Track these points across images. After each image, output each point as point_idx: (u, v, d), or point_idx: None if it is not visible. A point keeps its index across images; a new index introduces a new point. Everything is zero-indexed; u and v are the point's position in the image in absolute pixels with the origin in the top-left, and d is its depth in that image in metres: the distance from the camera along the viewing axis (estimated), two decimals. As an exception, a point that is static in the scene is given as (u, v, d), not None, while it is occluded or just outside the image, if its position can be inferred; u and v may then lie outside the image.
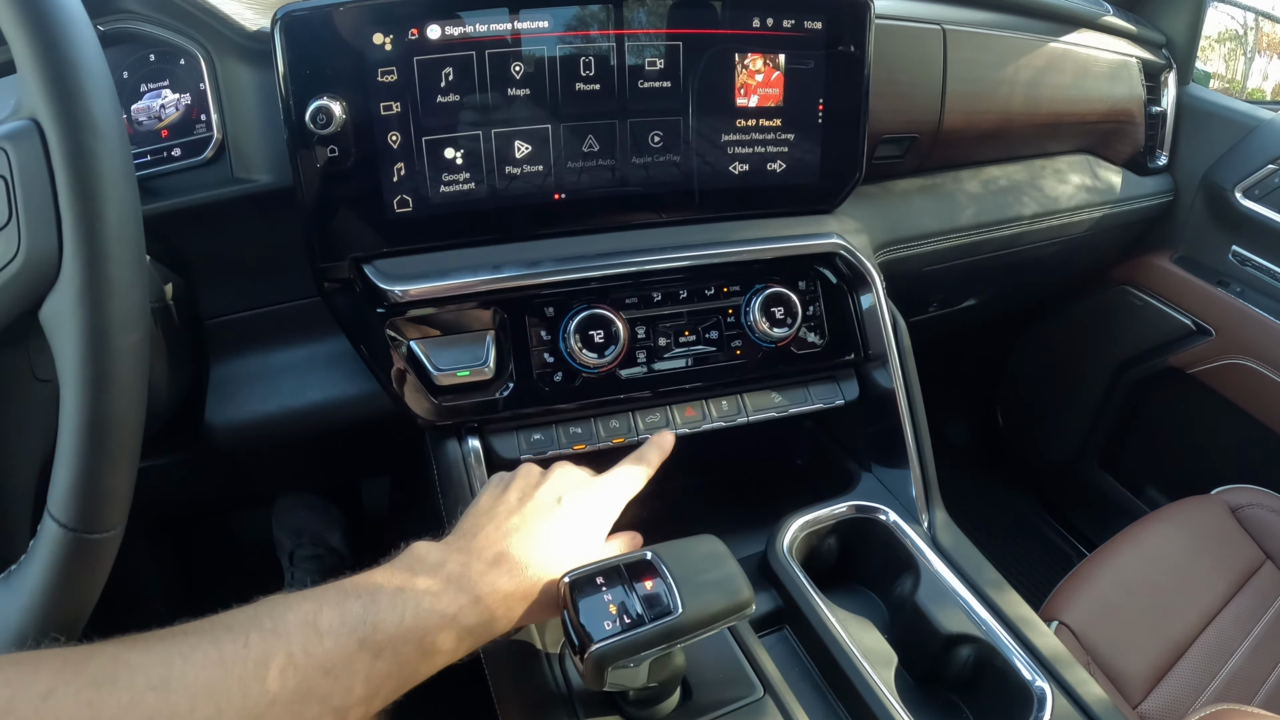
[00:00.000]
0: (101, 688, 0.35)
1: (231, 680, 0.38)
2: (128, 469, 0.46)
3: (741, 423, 0.76)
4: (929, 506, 0.76)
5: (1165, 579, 1.01)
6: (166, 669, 0.37)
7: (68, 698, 0.34)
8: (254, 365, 0.74)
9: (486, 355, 0.68)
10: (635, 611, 0.50)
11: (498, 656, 0.60)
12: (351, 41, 0.62)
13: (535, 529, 0.53)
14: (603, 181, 0.71)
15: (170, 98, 0.70)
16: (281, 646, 0.40)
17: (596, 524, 0.56)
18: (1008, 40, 1.04)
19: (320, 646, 0.41)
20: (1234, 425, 1.35)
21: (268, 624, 0.41)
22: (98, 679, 0.35)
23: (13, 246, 0.42)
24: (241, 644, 0.39)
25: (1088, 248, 1.27)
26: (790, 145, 0.76)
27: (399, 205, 0.66)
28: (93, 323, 0.42)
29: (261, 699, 0.38)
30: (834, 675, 0.62)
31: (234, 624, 0.41)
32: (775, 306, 0.76)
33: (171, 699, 0.36)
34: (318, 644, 0.41)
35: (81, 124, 0.41)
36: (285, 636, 0.40)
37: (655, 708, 0.56)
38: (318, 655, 0.40)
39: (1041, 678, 0.61)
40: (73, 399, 0.43)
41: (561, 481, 0.58)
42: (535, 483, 0.57)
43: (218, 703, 0.37)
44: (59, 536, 0.44)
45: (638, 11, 0.68)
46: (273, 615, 0.42)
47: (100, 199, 0.42)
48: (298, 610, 0.42)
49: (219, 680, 0.37)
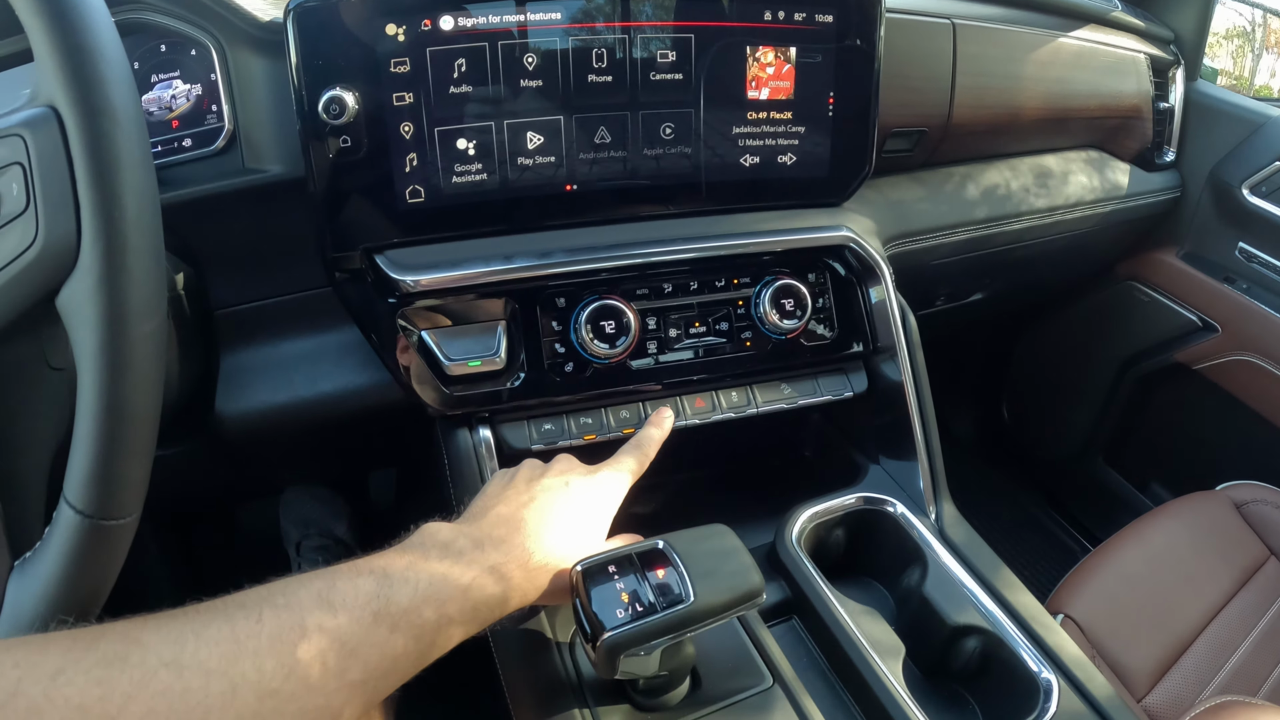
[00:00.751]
0: (112, 666, 0.34)
1: (245, 656, 0.37)
2: (144, 456, 0.46)
3: (751, 414, 0.77)
4: (936, 499, 0.76)
5: (1170, 574, 1.01)
6: (179, 646, 0.36)
7: (77, 676, 0.33)
8: (264, 356, 0.75)
9: (498, 345, 0.68)
10: (647, 600, 0.50)
11: (508, 645, 0.60)
12: (364, 32, 0.62)
13: (545, 507, 0.54)
14: (614, 173, 0.71)
15: (181, 88, 0.70)
16: (296, 621, 0.40)
17: (603, 506, 0.57)
18: (1017, 35, 1.04)
19: (334, 620, 0.41)
20: (1239, 421, 1.35)
21: (280, 600, 0.41)
22: (108, 657, 0.35)
23: (30, 233, 0.43)
24: (255, 620, 0.39)
25: (1094, 243, 1.27)
26: (800, 138, 0.76)
27: (411, 196, 0.66)
28: (111, 309, 0.42)
29: (276, 674, 0.37)
30: (842, 666, 0.63)
31: (247, 602, 0.40)
32: (785, 298, 0.76)
33: (184, 675, 0.35)
34: (332, 618, 0.41)
35: (100, 111, 0.42)
36: (299, 611, 0.40)
37: (665, 696, 0.57)
38: (332, 629, 0.40)
39: (1048, 669, 0.61)
40: (90, 385, 0.43)
41: (565, 466, 0.59)
42: (541, 470, 0.58)
43: (231, 678, 0.36)
44: (76, 523, 0.44)
45: (649, 4, 0.68)
46: (285, 592, 0.42)
47: (119, 186, 0.42)
48: (310, 587, 0.42)
49: (232, 656, 0.37)
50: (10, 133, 0.43)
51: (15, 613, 0.45)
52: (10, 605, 0.46)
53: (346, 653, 0.40)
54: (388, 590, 0.44)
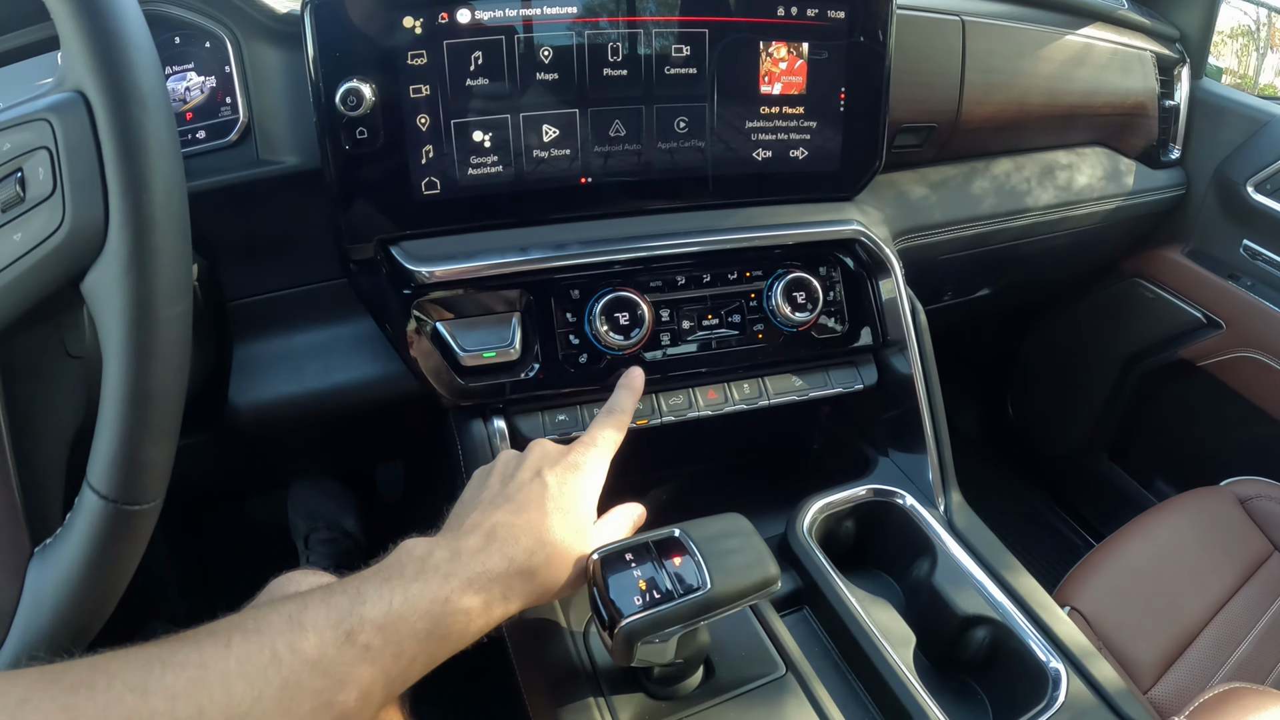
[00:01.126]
0: (78, 693, 0.35)
1: (213, 679, 0.37)
2: (169, 441, 0.46)
3: (762, 405, 0.77)
4: (945, 490, 0.77)
5: (1175, 568, 1.02)
6: (145, 673, 0.36)
7: (44, 703, 0.34)
8: (278, 347, 0.75)
9: (512, 336, 0.69)
10: (664, 587, 0.50)
11: (522, 634, 0.61)
12: (381, 25, 0.62)
13: (519, 506, 0.52)
14: (628, 166, 0.72)
15: (195, 80, 0.70)
16: (265, 644, 0.39)
17: (581, 489, 0.55)
18: (1025, 32, 1.04)
19: (305, 641, 0.40)
20: (1243, 417, 1.36)
21: (251, 625, 0.40)
22: (74, 685, 0.35)
23: (57, 217, 0.43)
24: (223, 645, 0.39)
25: (1100, 239, 1.27)
26: (812, 133, 0.77)
27: (427, 187, 0.67)
28: (139, 294, 0.42)
29: (246, 696, 0.37)
30: (854, 655, 0.63)
31: (217, 629, 0.40)
32: (797, 291, 0.76)
33: (150, 700, 0.35)
34: (302, 639, 0.40)
35: (129, 97, 0.42)
36: (269, 634, 0.40)
37: (679, 685, 0.57)
38: (303, 650, 0.40)
39: (1057, 659, 0.61)
40: (116, 369, 0.43)
41: (538, 456, 0.57)
42: (513, 465, 0.56)
43: (199, 701, 0.36)
44: (99, 508, 0.44)
45: (664, 0, 0.68)
46: (256, 617, 0.41)
47: (148, 171, 0.42)
48: (282, 611, 0.42)
49: (199, 680, 0.37)
50: (37, 117, 0.43)
51: (36, 599, 0.45)
52: (31, 591, 0.45)
53: (318, 673, 0.40)
54: (360, 609, 0.43)
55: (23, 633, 0.45)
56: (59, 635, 0.45)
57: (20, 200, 0.43)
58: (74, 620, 0.45)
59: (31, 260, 0.43)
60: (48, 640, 0.45)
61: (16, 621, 0.45)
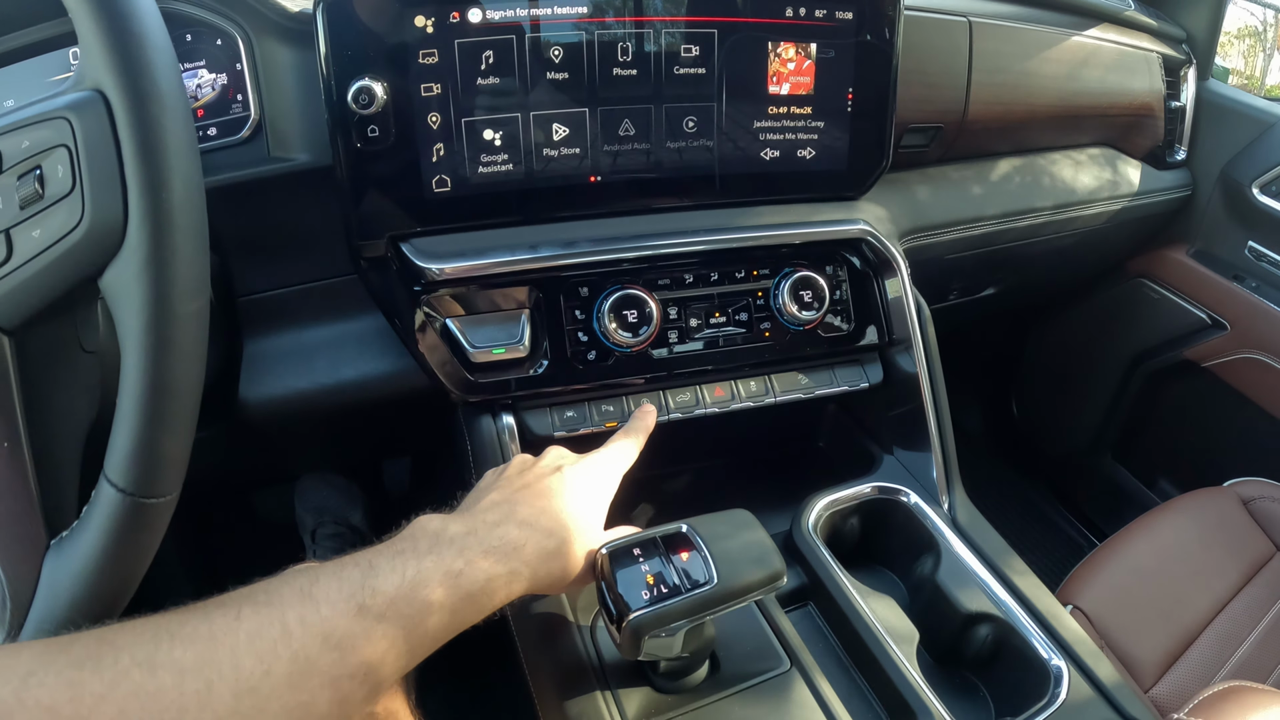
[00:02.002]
0: (84, 667, 0.34)
1: (222, 653, 0.36)
2: (186, 435, 0.46)
3: (769, 403, 0.78)
4: (949, 489, 0.77)
5: (1178, 568, 1.02)
6: (153, 646, 0.36)
7: (49, 678, 0.33)
8: (287, 342, 0.75)
9: (521, 333, 0.69)
10: (672, 582, 0.51)
11: (529, 627, 0.61)
12: (393, 23, 0.63)
13: (538, 492, 0.53)
14: (638, 165, 0.72)
15: (206, 77, 0.70)
16: (275, 616, 0.38)
17: (597, 491, 0.56)
18: (1032, 33, 1.04)
19: (317, 614, 0.39)
20: (1247, 419, 1.36)
21: (261, 597, 0.40)
22: (80, 659, 0.34)
23: (76, 214, 0.43)
24: (233, 617, 0.38)
25: (1106, 240, 1.27)
26: (820, 133, 0.77)
27: (437, 185, 0.67)
28: (157, 290, 0.43)
29: (255, 671, 0.36)
30: (858, 651, 0.64)
31: (227, 601, 0.39)
32: (804, 290, 0.77)
33: (158, 674, 0.34)
34: (314, 612, 0.39)
35: (148, 95, 0.42)
36: (279, 607, 0.39)
37: (685, 679, 0.58)
38: (314, 624, 0.39)
39: (1059, 657, 0.62)
40: (135, 364, 0.43)
41: (556, 455, 0.59)
42: (531, 461, 0.58)
43: (207, 676, 0.35)
44: (116, 501, 0.44)
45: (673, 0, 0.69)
46: (267, 589, 0.40)
47: (166, 169, 0.42)
48: (293, 583, 0.41)
49: (208, 654, 0.36)
50: (56, 115, 0.43)
51: (51, 591, 0.46)
52: (46, 584, 0.46)
53: (329, 646, 0.39)
54: (373, 581, 0.42)
55: (39, 625, 0.45)
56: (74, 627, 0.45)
57: (39, 197, 0.44)
58: (89, 612, 0.45)
59: (50, 256, 0.44)
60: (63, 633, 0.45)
61: (32, 613, 0.45)
